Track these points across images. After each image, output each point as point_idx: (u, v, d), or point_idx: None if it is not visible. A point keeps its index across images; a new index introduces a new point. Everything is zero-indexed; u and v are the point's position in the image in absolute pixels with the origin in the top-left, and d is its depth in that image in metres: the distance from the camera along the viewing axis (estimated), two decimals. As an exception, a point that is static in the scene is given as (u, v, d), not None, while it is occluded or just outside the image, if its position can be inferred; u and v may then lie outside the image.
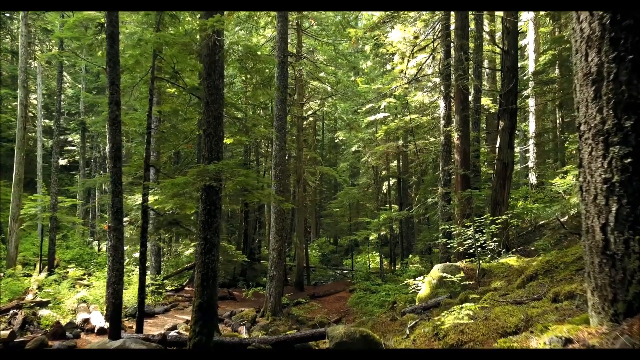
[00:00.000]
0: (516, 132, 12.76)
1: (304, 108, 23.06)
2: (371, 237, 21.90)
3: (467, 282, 7.85)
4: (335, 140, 37.04)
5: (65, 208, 23.89)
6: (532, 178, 22.26)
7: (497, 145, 12.09)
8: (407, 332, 4.62)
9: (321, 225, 37.18)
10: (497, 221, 8.19)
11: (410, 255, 26.93)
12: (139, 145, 18.51)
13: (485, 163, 20.24)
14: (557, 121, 22.78)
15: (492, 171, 19.83)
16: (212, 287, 6.58)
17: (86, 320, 11.01)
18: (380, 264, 22.11)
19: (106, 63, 8.06)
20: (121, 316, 7.95)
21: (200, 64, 7.80)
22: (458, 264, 8.40)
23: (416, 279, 9.54)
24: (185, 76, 9.84)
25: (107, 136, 8.37)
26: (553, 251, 6.12)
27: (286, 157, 20.74)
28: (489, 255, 9.10)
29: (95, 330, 10.69)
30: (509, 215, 8.38)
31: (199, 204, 6.83)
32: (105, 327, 10.94)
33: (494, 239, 8.77)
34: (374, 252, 28.50)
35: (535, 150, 21.63)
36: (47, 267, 18.12)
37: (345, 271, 27.66)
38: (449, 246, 9.47)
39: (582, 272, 4.77)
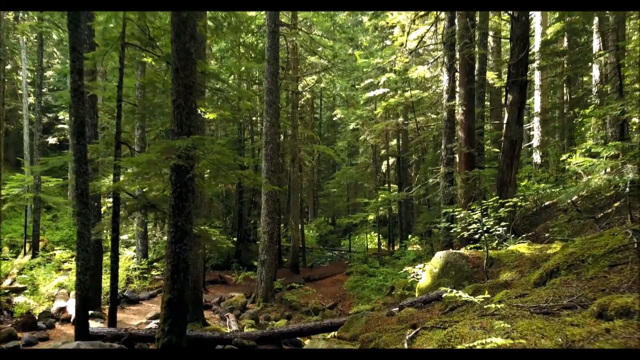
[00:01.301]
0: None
1: (300, 84, 22.00)
2: (369, 218, 21.17)
3: (473, 272, 7.07)
4: (334, 119, 35.93)
5: (58, 187, 23.03)
6: (536, 157, 21.40)
7: (505, 121, 11.17)
8: (406, 344, 3.82)
9: (319, 206, 36.44)
10: (507, 204, 7.35)
11: (410, 236, 26.24)
12: (125, 122, 17.53)
13: (489, 141, 19.34)
14: (565, 97, 21.76)
15: (496, 150, 18.97)
16: (183, 281, 5.77)
17: (62, 309, 10.30)
18: (379, 246, 21.41)
19: (67, 26, 7.09)
20: (88, 310, 7.18)
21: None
22: (462, 251, 7.60)
23: (416, 266, 8.78)
24: (163, 44, 8.86)
25: (71, 109, 7.46)
26: (577, 240, 5.29)
27: (280, 136, 19.83)
28: (496, 242, 8.30)
29: (72, 320, 9.97)
30: (520, 197, 7.55)
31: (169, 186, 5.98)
32: (83, 316, 10.24)
33: (502, 223, 7.94)
34: (372, 232, 27.81)
35: (540, 128, 20.70)
36: (32, 249, 17.41)
37: (342, 252, 27.03)
38: (451, 231, 8.66)
39: (618, 269, 3.95)
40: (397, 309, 6.82)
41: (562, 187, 10.11)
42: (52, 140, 31.99)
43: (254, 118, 25.19)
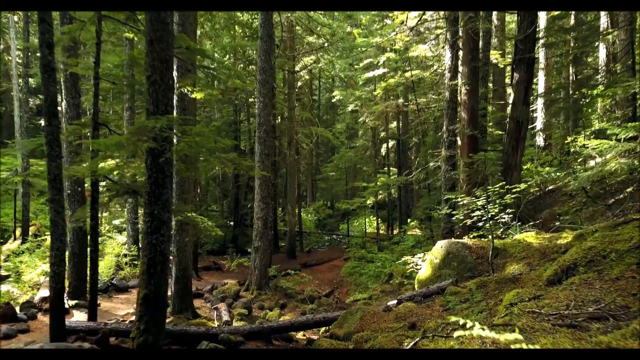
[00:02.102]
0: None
1: (298, 65, 21.24)
2: (368, 202, 20.68)
3: (477, 263, 6.58)
4: (333, 100, 35.16)
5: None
6: (540, 140, 20.81)
7: (511, 101, 10.57)
8: (403, 356, 3.31)
9: (318, 189, 35.95)
10: (514, 190, 6.81)
11: (409, 220, 25.79)
12: (114, 103, 16.88)
13: (491, 123, 18.70)
14: (570, 77, 21.04)
15: (500, 132, 18.36)
16: (160, 275, 5.27)
17: (45, 299, 9.83)
18: (377, 231, 20.96)
19: (34, -5, 6.44)
20: (64, 304, 6.71)
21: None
22: (465, 240, 7.09)
23: (415, 256, 8.28)
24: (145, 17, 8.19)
25: (42, 87, 6.86)
26: (596, 233, 4.77)
27: (277, 118, 19.18)
28: (501, 230, 7.79)
29: (55, 311, 9.54)
30: (528, 183, 7.00)
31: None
32: (67, 306, 9.81)
33: (507, 210, 7.42)
34: (371, 216, 27.35)
35: (544, 110, 20.05)
36: (22, 235, 16.96)
37: (341, 236, 26.63)
38: (453, 218, 8.14)
39: (649, 268, 3.42)
40: (395, 302, 6.35)
41: (572, 172, 9.57)
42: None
43: (250, 99, 24.49)
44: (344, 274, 16.33)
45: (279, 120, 23.39)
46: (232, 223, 25.07)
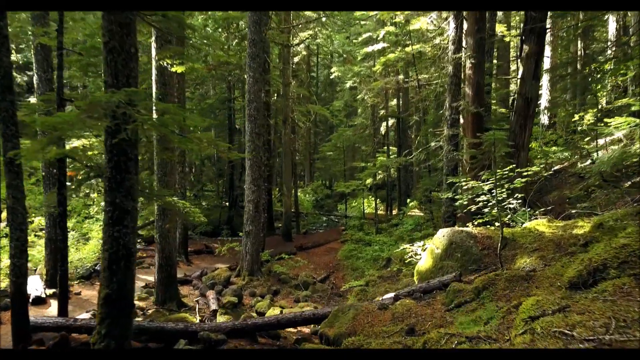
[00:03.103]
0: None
1: (295, 40, 20.26)
2: (367, 181, 20.02)
3: (483, 255, 5.94)
4: (331, 77, 34.09)
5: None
6: (544, 118, 20.03)
7: (519, 76, 9.80)
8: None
9: (316, 169, 35.24)
10: (525, 173, 6.13)
11: (409, 201, 25.17)
12: (96, 78, 15.96)
13: (494, 101, 17.90)
14: (579, 52, 20.10)
15: (503, 110, 17.57)
16: (125, 271, 4.63)
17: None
18: (375, 211, 20.36)
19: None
20: (26, 298, 6.12)
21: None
22: (470, 228, 6.44)
23: (414, 244, 7.64)
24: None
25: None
26: (628, 227, 4.11)
27: (274, 95, 18.32)
28: (508, 217, 7.13)
29: (31, 300, 8.97)
30: (541, 165, 6.31)
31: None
32: (44, 296, 9.26)
33: (516, 195, 6.76)
34: (370, 196, 26.72)
35: (549, 86, 19.20)
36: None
37: (339, 217, 26.07)
38: (456, 202, 7.47)
39: None
40: (392, 297, 5.73)
41: (585, 153, 8.86)
42: (33, 99, 30.34)
43: (245, 76, 23.54)
44: (340, 258, 15.78)
45: (275, 97, 22.54)
46: (227, 204, 24.45)
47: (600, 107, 18.47)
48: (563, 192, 10.31)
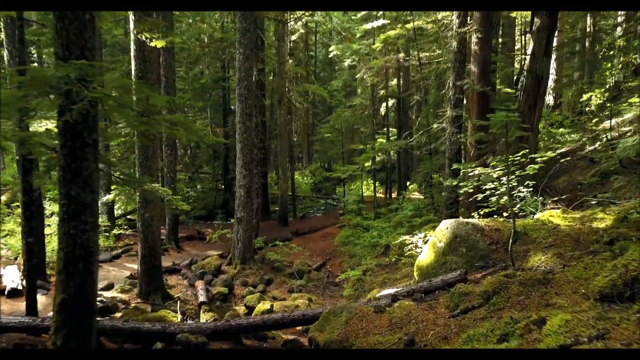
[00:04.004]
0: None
1: (289, 15, 19.33)
2: (366, 164, 19.34)
3: (491, 250, 5.36)
4: (330, 56, 33.06)
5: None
6: (549, 98, 19.28)
7: (529, 52, 9.07)
8: None
9: (314, 151, 34.52)
10: (539, 159, 5.50)
11: (408, 184, 24.55)
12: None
13: (498, 80, 17.12)
14: (588, 28, 19.21)
15: (508, 90, 16.79)
16: (84, 273, 4.05)
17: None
18: (374, 195, 19.76)
19: None
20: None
21: None
22: (476, 220, 5.84)
23: (415, 235, 7.05)
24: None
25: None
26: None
27: (263, 73, 17.50)
28: (517, 206, 6.51)
29: (6, 292, 8.47)
30: (557, 152, 5.68)
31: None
32: (20, 287, 8.71)
33: (527, 182, 6.14)
34: (369, 179, 26.09)
35: (555, 65, 18.38)
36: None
37: (337, 201, 25.52)
38: (461, 191, 6.86)
39: None
40: (390, 294, 5.17)
41: (604, 137, 8.19)
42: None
43: (236, 53, 22.64)
44: (337, 244, 15.26)
45: (271, 77, 21.73)
46: (222, 186, 23.86)
47: (608, 86, 17.73)
48: (573, 177, 9.69)
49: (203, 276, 10.44)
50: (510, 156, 5.33)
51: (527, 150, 5.49)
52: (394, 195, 23.02)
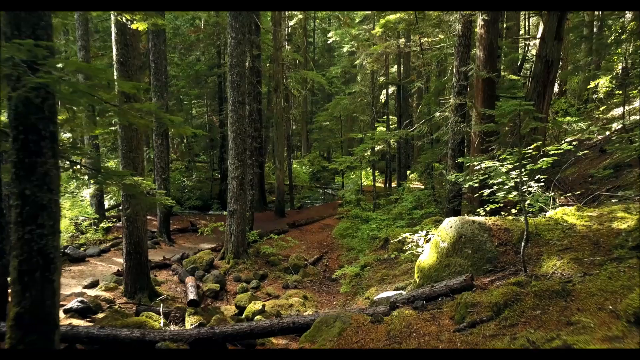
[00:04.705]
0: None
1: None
2: (365, 155, 18.85)
3: (499, 253, 4.89)
4: (329, 42, 32.27)
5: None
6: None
7: (539, 35, 8.53)
8: None
9: (313, 140, 33.92)
10: (552, 152, 5.00)
11: (409, 172, 24.04)
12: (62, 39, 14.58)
13: (503, 66, 16.52)
14: (596, 12, 18.50)
15: (512, 77, 16.21)
16: (43, 284, 3.58)
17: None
18: (374, 185, 19.29)
19: None
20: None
21: None
22: (482, 219, 5.36)
23: (415, 235, 6.58)
24: None
25: None
26: None
27: (257, 59, 16.88)
28: (526, 201, 6.03)
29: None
30: (573, 143, 5.17)
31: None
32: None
33: (537, 176, 5.65)
34: (368, 168, 25.59)
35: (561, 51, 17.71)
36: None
37: (336, 190, 25.04)
38: (466, 185, 6.37)
39: None
40: (388, 306, 4.72)
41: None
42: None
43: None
44: (335, 235, 14.84)
45: (268, 63, 21.10)
46: (219, 175, 23.34)
47: (615, 73, 17.14)
48: (582, 169, 9.19)
49: (194, 272, 10.02)
50: (523, 149, 4.84)
51: (541, 142, 4.99)
52: (393, 184, 22.54)
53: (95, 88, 3.36)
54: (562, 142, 12.52)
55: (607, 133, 11.61)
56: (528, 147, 4.83)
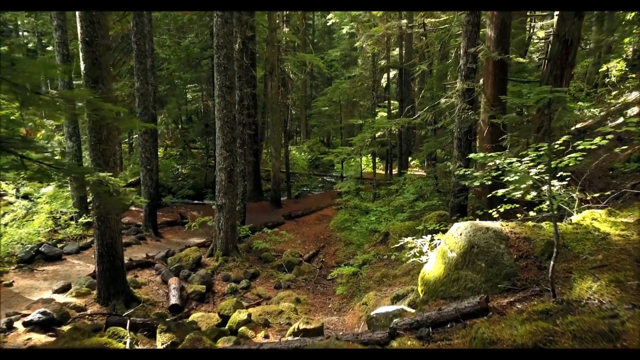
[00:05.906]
0: None
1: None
2: (366, 142, 18.02)
3: (519, 268, 4.13)
4: (328, 24, 31.08)
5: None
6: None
7: (557, 12, 7.63)
8: None
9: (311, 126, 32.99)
10: (580, 147, 4.19)
11: (410, 159, 23.23)
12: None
13: (512, 48, 15.56)
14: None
15: (521, 60, 15.26)
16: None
17: None
18: (374, 173, 18.50)
19: None
20: None
21: None
22: (497, 225, 4.57)
23: (418, 240, 5.81)
24: None
25: None
26: None
27: (251, 40, 15.94)
28: (546, 203, 5.24)
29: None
30: (613, 137, 4.36)
31: None
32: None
33: (560, 173, 4.87)
34: (368, 155, 24.76)
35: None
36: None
37: (335, 178, 24.28)
38: (476, 182, 5.57)
39: None
40: (387, 333, 3.97)
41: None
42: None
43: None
44: (333, 228, 14.11)
45: (265, 48, 20.13)
46: (214, 163, 22.54)
47: (625, 56, 16.23)
48: (600, 160, 8.35)
49: (179, 271, 9.31)
50: (556, 144, 4.02)
51: (570, 136, 4.18)
52: (394, 171, 21.76)
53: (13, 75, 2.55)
54: (572, 128, 11.72)
55: (621, 119, 10.77)
56: (555, 142, 4.02)
